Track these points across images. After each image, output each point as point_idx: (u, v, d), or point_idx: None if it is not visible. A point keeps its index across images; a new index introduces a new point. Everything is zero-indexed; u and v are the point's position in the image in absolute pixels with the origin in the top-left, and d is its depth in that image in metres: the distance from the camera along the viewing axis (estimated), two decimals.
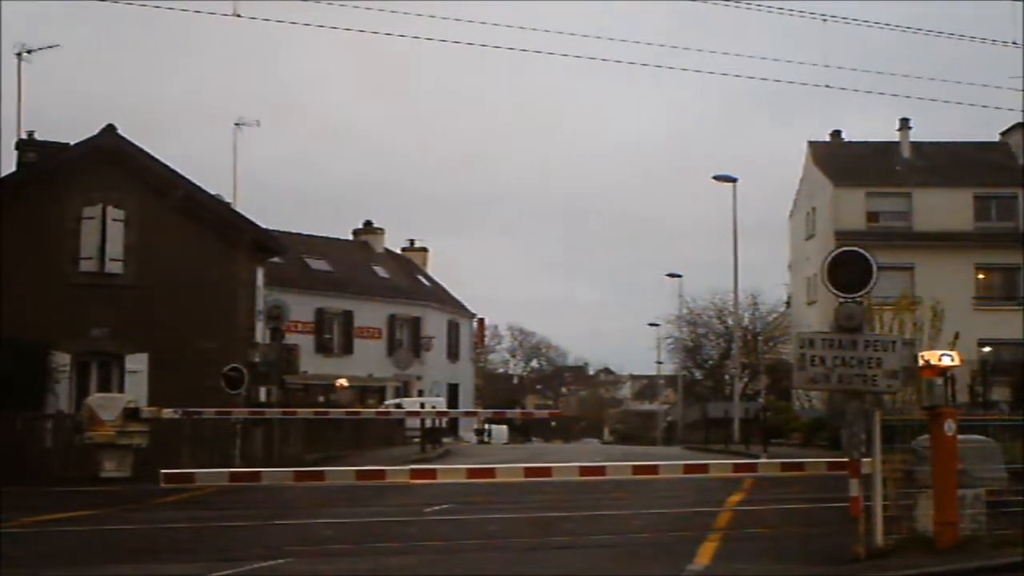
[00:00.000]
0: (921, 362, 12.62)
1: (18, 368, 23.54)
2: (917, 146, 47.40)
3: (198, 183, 28.10)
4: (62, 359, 25.55)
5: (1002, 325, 40.32)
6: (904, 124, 47.28)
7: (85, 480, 21.05)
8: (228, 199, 35.77)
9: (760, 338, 58.74)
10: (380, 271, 58.43)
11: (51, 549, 13.20)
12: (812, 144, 49.19)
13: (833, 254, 12.71)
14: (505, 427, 58.50)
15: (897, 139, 47.65)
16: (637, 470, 13.29)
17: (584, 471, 13.11)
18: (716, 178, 43.95)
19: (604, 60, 42.52)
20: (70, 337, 25.74)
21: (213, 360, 24.89)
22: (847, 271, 12.56)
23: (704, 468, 13.59)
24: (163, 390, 24.41)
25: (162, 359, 25.69)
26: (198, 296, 26.18)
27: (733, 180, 43.57)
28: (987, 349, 38.42)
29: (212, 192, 30.35)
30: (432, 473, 12.89)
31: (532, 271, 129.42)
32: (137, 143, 27.31)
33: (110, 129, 26.99)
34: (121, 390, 25.20)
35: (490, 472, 13.05)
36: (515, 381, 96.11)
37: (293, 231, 50.75)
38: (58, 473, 22.09)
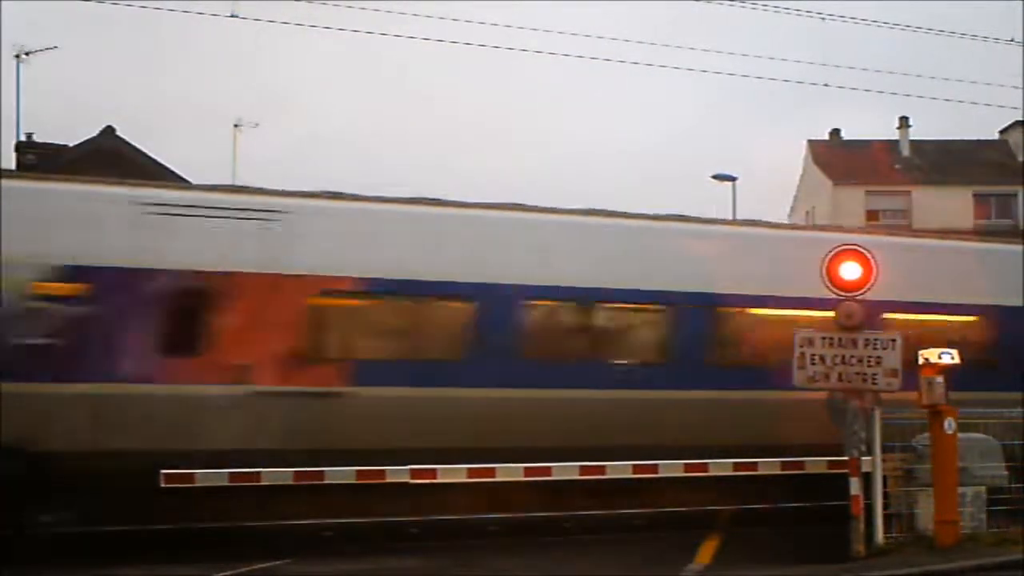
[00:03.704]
0: (921, 360, 12.60)
1: None
2: (916, 144, 47.39)
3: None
4: None
5: None
6: (903, 122, 47.24)
7: None
8: None
9: None
10: None
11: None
12: (811, 143, 49.16)
13: (833, 252, 12.71)
14: None
15: (896, 137, 47.64)
16: (637, 469, 13.32)
17: (584, 470, 13.15)
18: (715, 177, 43.84)
19: (605, 60, 42.53)
20: None
21: None
22: (847, 269, 12.57)
23: (704, 467, 13.60)
24: None
25: None
26: None
27: (732, 179, 43.51)
28: None
29: None
30: (432, 473, 12.89)
31: None
32: (136, 144, 27.33)
33: (109, 130, 26.98)
34: None
35: (490, 472, 13.06)
36: None
37: None
38: None
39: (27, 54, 33.70)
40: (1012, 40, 23.74)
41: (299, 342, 13.36)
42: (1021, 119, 42.82)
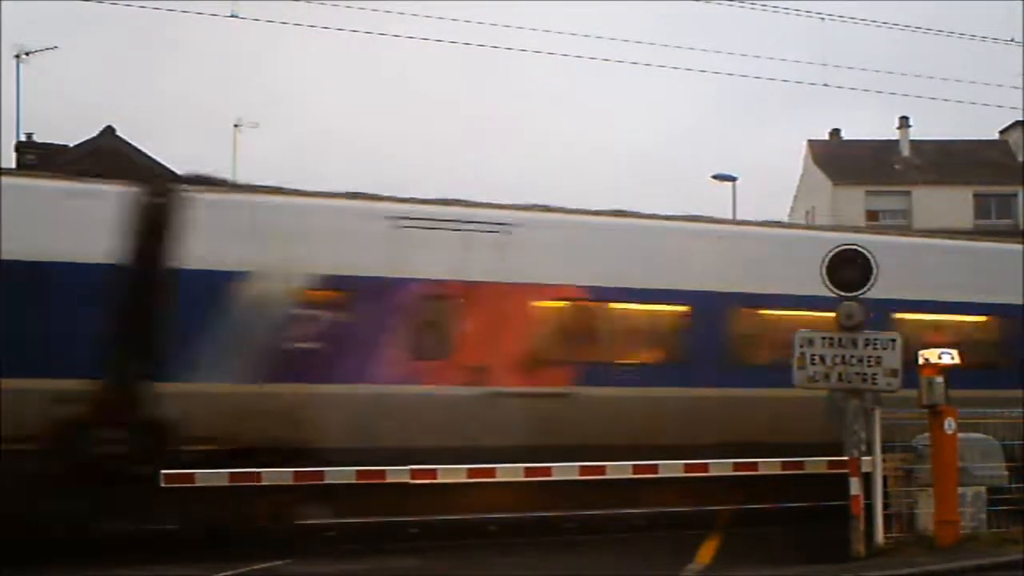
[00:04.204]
0: (921, 360, 12.59)
1: None
2: (916, 144, 47.38)
3: None
4: None
5: None
6: (903, 122, 47.23)
7: None
8: None
9: None
10: None
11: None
12: (811, 143, 49.14)
13: (833, 252, 12.70)
14: None
15: (896, 137, 47.62)
16: (637, 470, 13.31)
17: (584, 471, 13.13)
18: (715, 177, 43.82)
19: (605, 60, 42.64)
20: None
21: None
22: (847, 269, 12.56)
23: (704, 468, 13.59)
24: None
25: None
26: None
27: (732, 179, 43.48)
28: None
29: None
30: (432, 473, 12.89)
31: None
32: (136, 144, 27.32)
33: (109, 130, 26.97)
34: None
35: (490, 472, 13.06)
36: None
37: None
38: None
39: (27, 54, 33.68)
40: (1012, 40, 23.80)
41: None
42: (1021, 119, 42.82)
